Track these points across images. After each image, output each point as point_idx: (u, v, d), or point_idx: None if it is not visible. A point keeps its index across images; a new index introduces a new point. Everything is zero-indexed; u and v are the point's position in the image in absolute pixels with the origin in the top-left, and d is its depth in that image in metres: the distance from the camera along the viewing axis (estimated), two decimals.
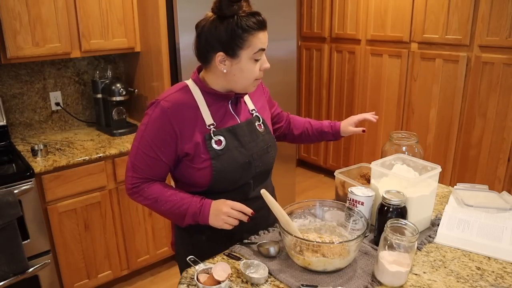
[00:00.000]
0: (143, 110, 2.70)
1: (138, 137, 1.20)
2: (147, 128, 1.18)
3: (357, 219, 1.20)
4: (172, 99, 1.18)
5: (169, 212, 1.21)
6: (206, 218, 1.17)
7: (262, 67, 1.19)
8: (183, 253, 1.30)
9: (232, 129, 1.23)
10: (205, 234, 1.29)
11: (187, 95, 1.21)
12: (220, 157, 1.19)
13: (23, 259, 1.91)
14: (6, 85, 2.38)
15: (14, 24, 2.03)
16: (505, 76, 2.51)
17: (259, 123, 1.31)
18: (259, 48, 1.14)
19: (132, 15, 2.43)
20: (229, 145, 1.21)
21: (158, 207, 1.22)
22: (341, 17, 3.49)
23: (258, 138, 1.28)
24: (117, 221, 2.35)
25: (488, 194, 1.50)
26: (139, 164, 1.20)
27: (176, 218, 1.23)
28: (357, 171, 1.55)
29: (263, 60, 1.19)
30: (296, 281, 1.06)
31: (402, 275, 1.05)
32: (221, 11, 1.13)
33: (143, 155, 1.19)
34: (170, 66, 2.36)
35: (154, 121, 1.17)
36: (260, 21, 1.13)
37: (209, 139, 1.19)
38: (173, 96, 1.19)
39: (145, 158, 1.19)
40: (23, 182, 1.92)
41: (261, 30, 1.14)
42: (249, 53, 1.14)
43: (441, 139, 2.95)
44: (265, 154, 1.29)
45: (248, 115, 1.30)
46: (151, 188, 1.22)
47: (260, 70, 1.19)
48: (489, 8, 2.50)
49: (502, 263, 1.15)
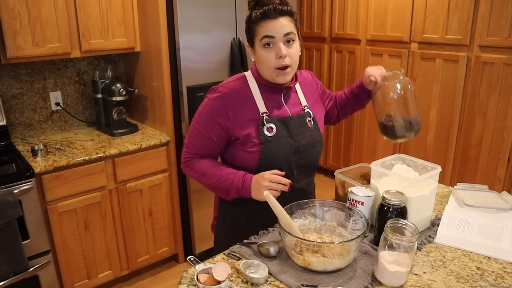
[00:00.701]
0: (143, 110, 2.71)
1: (195, 116, 1.34)
2: (204, 109, 1.31)
3: (357, 219, 1.20)
4: (230, 86, 1.30)
5: (216, 186, 1.31)
6: (248, 193, 1.26)
7: (277, 54, 1.22)
8: (224, 233, 1.46)
9: (284, 120, 1.31)
10: (246, 218, 1.39)
11: (243, 85, 1.31)
12: (269, 143, 1.28)
13: (23, 259, 1.91)
14: (6, 85, 2.38)
15: (14, 24, 2.03)
16: (505, 76, 2.51)
17: (309, 119, 1.37)
18: (263, 35, 1.21)
19: (132, 15, 2.43)
20: (279, 133, 1.29)
21: (205, 180, 1.33)
22: (341, 17, 3.49)
23: (307, 132, 1.35)
24: (117, 221, 2.35)
25: (488, 194, 1.50)
26: (193, 141, 1.33)
27: (222, 192, 1.32)
28: (357, 171, 1.55)
29: (278, 47, 1.22)
30: (296, 281, 1.06)
31: (402, 275, 1.04)
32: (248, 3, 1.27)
33: (197, 133, 1.32)
34: (170, 66, 2.36)
35: (211, 103, 1.29)
36: (265, 12, 1.20)
37: (262, 125, 1.28)
38: (231, 84, 1.31)
39: (198, 136, 1.32)
40: (23, 182, 1.92)
41: (267, 19, 1.20)
42: (258, 41, 1.23)
43: (441, 139, 2.95)
44: (311, 149, 1.36)
45: (300, 110, 1.37)
46: (200, 163, 1.33)
47: (277, 58, 1.22)
48: (489, 8, 2.50)
49: (502, 263, 1.15)
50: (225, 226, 1.46)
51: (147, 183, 2.41)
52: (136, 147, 2.31)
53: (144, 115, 2.71)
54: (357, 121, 3.56)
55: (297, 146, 1.32)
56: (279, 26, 1.20)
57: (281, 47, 1.21)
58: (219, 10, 2.40)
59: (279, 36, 1.21)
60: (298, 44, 1.27)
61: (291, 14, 1.24)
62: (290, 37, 1.22)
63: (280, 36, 1.21)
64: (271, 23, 1.20)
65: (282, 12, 1.21)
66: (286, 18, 1.22)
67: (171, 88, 2.41)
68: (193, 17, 2.30)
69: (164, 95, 2.40)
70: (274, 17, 1.20)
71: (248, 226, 1.36)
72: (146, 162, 2.37)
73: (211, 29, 2.38)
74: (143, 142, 2.35)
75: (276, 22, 1.20)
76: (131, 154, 2.31)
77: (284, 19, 1.22)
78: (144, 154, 2.35)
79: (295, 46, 1.25)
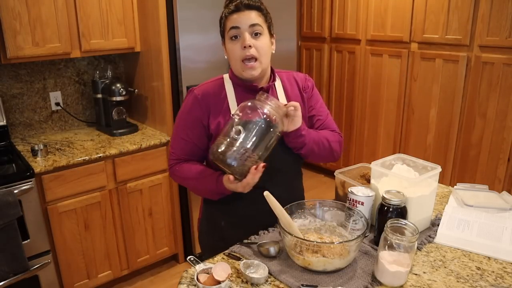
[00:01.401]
0: (143, 110, 2.71)
1: (175, 121, 1.35)
2: (181, 113, 1.33)
3: (357, 219, 1.20)
4: (203, 88, 1.32)
5: (197, 188, 1.33)
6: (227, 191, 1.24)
7: (242, 45, 1.22)
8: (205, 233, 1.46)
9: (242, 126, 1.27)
10: (224, 220, 1.38)
11: (219, 86, 1.32)
12: None
13: (23, 259, 1.91)
14: (6, 85, 2.38)
15: (14, 24, 2.03)
16: (505, 76, 2.51)
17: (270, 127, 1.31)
18: (230, 27, 1.23)
19: (132, 15, 2.43)
20: None
21: (188, 184, 1.35)
22: (341, 17, 3.49)
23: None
24: (117, 221, 2.35)
25: (488, 194, 1.50)
26: (175, 146, 1.34)
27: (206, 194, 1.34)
28: (357, 171, 1.55)
29: (243, 38, 1.22)
30: (296, 281, 1.06)
31: (402, 275, 1.05)
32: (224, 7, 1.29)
33: (178, 137, 1.33)
34: (170, 66, 2.36)
35: (186, 106, 1.32)
36: (234, 6, 1.23)
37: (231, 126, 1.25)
38: (205, 85, 1.33)
39: (179, 141, 1.33)
40: (23, 182, 1.92)
41: (234, 13, 1.23)
42: (227, 35, 1.26)
43: (441, 139, 2.95)
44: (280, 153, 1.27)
45: None
46: (182, 167, 1.33)
47: (242, 49, 1.22)
48: (489, 8, 2.50)
49: (502, 263, 1.15)
50: (207, 225, 1.46)
51: (147, 183, 2.41)
52: (136, 147, 2.31)
53: (144, 115, 2.71)
54: (357, 121, 3.56)
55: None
56: (245, 17, 1.22)
57: (246, 37, 1.21)
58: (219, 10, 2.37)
59: (244, 27, 1.21)
60: (268, 40, 1.26)
61: (260, 9, 1.25)
62: (256, 29, 1.22)
63: (246, 26, 1.21)
64: (238, 15, 1.22)
65: (249, 6, 1.22)
66: (253, 11, 1.23)
67: (171, 88, 2.41)
68: (193, 17, 2.30)
69: (164, 95, 2.40)
70: (241, 10, 1.22)
71: (227, 229, 1.37)
72: (146, 162, 2.37)
73: (211, 29, 2.38)
74: (143, 142, 2.35)
75: (242, 14, 1.22)
76: (131, 154, 2.31)
77: (251, 12, 1.23)
78: (144, 154, 2.35)
79: (262, 40, 1.23)
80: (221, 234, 1.38)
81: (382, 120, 3.35)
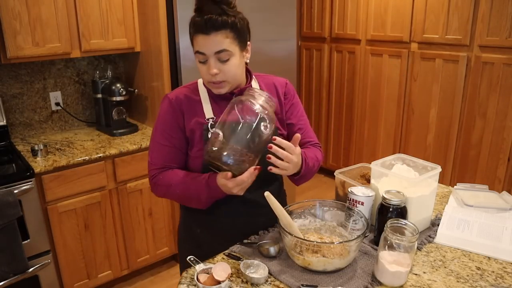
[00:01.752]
0: (143, 110, 2.71)
1: (152, 131, 1.30)
2: (158, 120, 1.28)
3: (357, 219, 1.20)
4: (177, 92, 1.28)
5: (184, 195, 1.23)
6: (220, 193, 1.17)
7: (207, 71, 1.16)
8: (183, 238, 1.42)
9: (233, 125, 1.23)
10: (199, 227, 1.35)
11: (193, 90, 1.29)
12: None
13: (23, 259, 1.91)
14: (6, 85, 2.38)
15: (14, 24, 2.03)
16: (505, 76, 2.51)
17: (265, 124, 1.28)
18: (196, 50, 1.16)
19: (132, 15, 2.43)
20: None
21: (173, 191, 1.24)
22: (341, 17, 3.49)
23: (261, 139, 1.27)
24: (117, 221, 2.35)
25: (488, 194, 1.50)
26: (155, 154, 1.28)
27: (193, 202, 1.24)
28: (357, 171, 1.55)
29: (209, 64, 1.15)
30: (296, 281, 1.06)
31: (402, 275, 1.05)
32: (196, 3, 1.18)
33: (157, 145, 1.27)
34: (170, 66, 2.36)
35: (162, 112, 1.27)
36: (199, 25, 1.12)
37: (206, 130, 1.23)
38: (179, 90, 1.29)
39: (159, 148, 1.27)
40: (23, 182, 1.92)
41: (200, 33, 1.13)
42: (194, 52, 1.18)
43: (441, 139, 2.95)
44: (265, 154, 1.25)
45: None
46: (165, 175, 1.26)
47: (208, 73, 1.16)
48: (489, 8, 2.50)
49: (502, 263, 1.15)
50: (184, 231, 1.42)
51: (147, 183, 2.40)
52: (136, 147, 2.31)
53: (144, 115, 2.71)
54: (357, 121, 3.56)
55: None
56: (211, 43, 1.12)
57: (212, 64, 1.15)
58: None
59: (210, 53, 1.13)
60: (238, 59, 1.17)
61: (228, 26, 1.13)
62: (223, 56, 1.14)
63: (211, 53, 1.13)
64: (203, 39, 1.13)
65: (215, 27, 1.11)
66: (220, 33, 1.12)
67: (171, 88, 2.41)
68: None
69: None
70: (207, 32, 1.12)
71: (203, 235, 1.34)
72: (146, 162, 2.36)
73: None
74: (143, 142, 2.35)
75: (207, 39, 1.12)
76: (131, 154, 2.31)
77: (218, 34, 1.12)
78: (144, 154, 2.35)
79: (230, 63, 1.15)
80: (197, 240, 1.34)
81: (382, 120, 3.35)
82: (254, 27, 2.91)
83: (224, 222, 1.31)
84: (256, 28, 2.63)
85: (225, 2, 1.14)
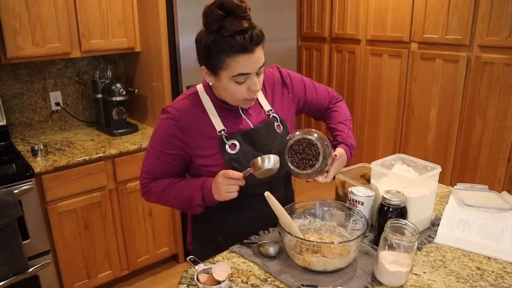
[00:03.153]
0: (143, 110, 2.71)
1: (150, 140, 1.25)
2: (156, 133, 1.22)
3: (357, 219, 1.20)
4: (180, 107, 1.20)
5: (177, 200, 1.22)
6: (211, 198, 1.16)
7: (250, 88, 1.11)
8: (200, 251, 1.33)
9: (246, 133, 1.21)
10: (221, 234, 1.32)
11: (196, 102, 1.21)
12: (234, 161, 1.19)
13: (23, 259, 1.91)
14: (6, 85, 2.38)
15: (14, 24, 2.03)
16: (505, 76, 2.51)
17: (277, 124, 1.27)
18: (238, 73, 1.07)
19: (132, 15, 2.43)
20: (243, 148, 1.20)
21: (167, 197, 1.23)
22: (341, 17, 3.49)
23: (277, 140, 1.25)
24: (117, 221, 2.35)
25: (488, 194, 1.50)
26: (149, 166, 1.24)
27: (185, 206, 1.22)
28: (357, 171, 1.55)
29: (252, 82, 1.10)
30: (296, 281, 1.06)
31: (402, 275, 1.05)
32: (205, 24, 1.06)
33: (153, 157, 1.23)
34: (170, 66, 2.36)
35: (162, 127, 1.21)
36: (242, 45, 1.02)
37: (223, 143, 1.19)
38: (181, 103, 1.20)
39: (154, 161, 1.23)
40: (23, 182, 1.92)
41: (242, 53, 1.04)
42: (228, 74, 1.08)
43: (441, 139, 2.95)
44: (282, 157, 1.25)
45: (264, 117, 1.26)
46: (158, 182, 1.24)
47: (249, 91, 1.11)
48: (489, 8, 2.50)
49: (502, 263, 1.15)
50: (201, 244, 1.38)
51: None
52: (136, 147, 2.31)
53: (144, 115, 2.71)
54: (357, 121, 3.56)
55: None
56: (256, 60, 1.06)
57: (256, 81, 1.10)
58: None
59: (254, 71, 1.08)
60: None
61: (263, 37, 1.07)
62: (261, 69, 1.11)
63: (255, 70, 1.08)
64: (248, 58, 1.04)
65: (258, 41, 1.05)
66: (260, 46, 1.07)
67: (171, 88, 2.41)
68: (193, 17, 2.30)
69: (164, 95, 2.40)
70: (251, 50, 1.04)
71: (225, 241, 1.28)
72: None
73: None
74: (143, 142, 2.35)
75: (253, 57, 1.05)
76: (131, 154, 2.30)
77: (259, 49, 1.07)
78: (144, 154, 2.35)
79: (262, 73, 1.15)
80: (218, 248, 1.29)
81: (382, 120, 3.35)
82: None
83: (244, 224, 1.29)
84: None
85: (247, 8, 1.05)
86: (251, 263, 1.15)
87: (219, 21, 1.03)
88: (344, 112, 1.44)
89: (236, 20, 1.03)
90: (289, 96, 1.34)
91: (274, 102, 1.30)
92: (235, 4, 1.03)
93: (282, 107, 1.31)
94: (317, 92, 1.41)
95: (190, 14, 2.29)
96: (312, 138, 1.16)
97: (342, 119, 1.41)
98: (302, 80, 1.38)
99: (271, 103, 1.30)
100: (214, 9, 1.03)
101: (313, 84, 1.41)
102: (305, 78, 1.40)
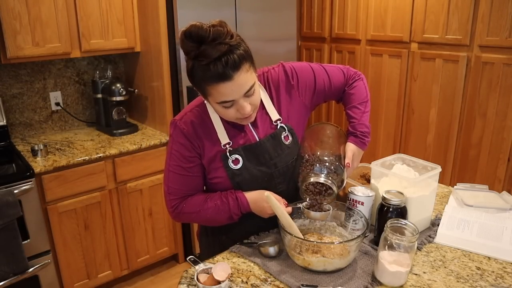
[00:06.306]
0: (143, 110, 2.71)
1: (167, 160, 1.22)
2: (172, 150, 1.20)
3: (357, 219, 1.20)
4: (187, 120, 1.18)
5: (213, 219, 1.22)
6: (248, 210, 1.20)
7: (239, 112, 1.07)
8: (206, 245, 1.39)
9: (250, 148, 1.19)
10: (225, 234, 1.33)
11: (202, 114, 1.19)
12: (238, 176, 1.19)
13: (23, 259, 1.91)
14: (6, 85, 2.38)
15: (14, 24, 2.03)
16: (505, 76, 2.50)
17: (285, 134, 1.23)
18: (221, 101, 1.03)
19: (132, 15, 2.43)
20: (246, 164, 1.19)
21: (203, 217, 1.22)
22: (341, 17, 3.48)
23: (284, 152, 1.22)
24: (117, 221, 2.35)
25: (488, 194, 1.50)
26: (173, 185, 1.21)
27: (224, 219, 1.22)
28: (357, 171, 1.55)
29: (239, 106, 1.05)
30: (296, 281, 1.06)
31: (402, 275, 1.04)
32: (184, 52, 1.03)
33: (175, 175, 1.20)
34: (170, 66, 2.36)
35: (176, 143, 1.18)
36: (218, 73, 0.97)
37: (226, 159, 1.18)
38: (189, 116, 1.19)
39: (177, 178, 1.20)
40: (23, 182, 1.92)
41: (221, 81, 0.99)
42: (213, 100, 1.06)
43: (441, 139, 2.94)
44: (290, 170, 1.24)
45: (270, 129, 1.22)
46: (189, 203, 1.22)
47: (237, 112, 1.07)
48: (489, 8, 2.49)
49: (502, 263, 1.15)
50: (207, 238, 1.40)
51: (147, 183, 2.41)
52: (136, 147, 2.31)
53: (144, 115, 2.71)
54: None
55: (271, 173, 1.21)
56: (237, 87, 1.00)
57: (243, 106, 1.05)
58: (219, 10, 2.40)
59: (238, 96, 1.03)
60: (257, 84, 1.09)
61: (246, 58, 1.00)
62: (250, 92, 1.04)
63: (240, 96, 1.03)
64: (226, 86, 0.99)
65: (236, 66, 0.98)
66: (241, 70, 1.00)
67: (171, 88, 2.41)
68: (193, 17, 2.30)
69: (164, 95, 2.40)
70: (229, 78, 0.98)
71: (228, 240, 1.31)
72: (146, 162, 2.37)
73: None
74: (143, 142, 2.35)
75: (233, 84, 0.99)
76: (131, 154, 2.30)
77: (241, 73, 0.99)
78: (144, 154, 2.35)
79: (256, 92, 1.07)
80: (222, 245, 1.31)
81: (382, 120, 3.34)
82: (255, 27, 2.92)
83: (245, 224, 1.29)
84: (256, 28, 2.64)
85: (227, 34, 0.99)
86: (251, 263, 1.15)
87: (194, 50, 0.99)
88: (359, 94, 1.32)
89: (211, 47, 0.97)
90: (298, 96, 1.26)
91: (281, 108, 1.24)
92: (205, 32, 0.96)
93: (290, 112, 1.25)
94: (330, 77, 1.30)
95: (190, 14, 2.29)
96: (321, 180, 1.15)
97: (357, 102, 1.31)
98: (310, 70, 1.29)
99: (279, 110, 1.24)
100: (185, 40, 0.99)
101: (324, 70, 1.31)
102: (313, 65, 1.31)
